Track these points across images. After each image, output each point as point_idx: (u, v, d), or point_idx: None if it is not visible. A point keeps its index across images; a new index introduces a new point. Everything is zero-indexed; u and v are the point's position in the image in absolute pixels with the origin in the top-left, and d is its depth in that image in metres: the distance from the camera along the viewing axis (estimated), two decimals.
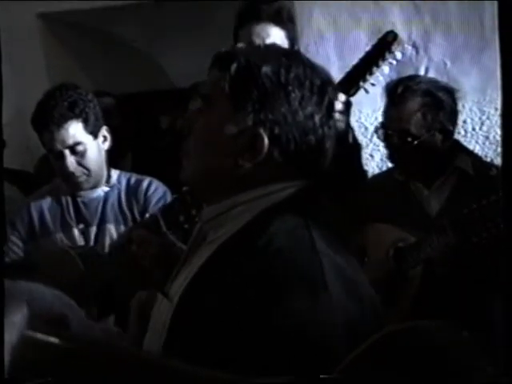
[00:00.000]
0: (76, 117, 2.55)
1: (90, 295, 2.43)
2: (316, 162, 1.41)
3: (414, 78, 2.74)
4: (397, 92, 2.54)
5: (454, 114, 2.60)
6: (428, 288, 2.42)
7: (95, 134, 2.61)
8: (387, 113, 2.60)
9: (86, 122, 2.57)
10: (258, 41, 2.69)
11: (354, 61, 2.37)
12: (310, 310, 1.22)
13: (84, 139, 2.57)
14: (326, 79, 1.42)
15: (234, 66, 1.38)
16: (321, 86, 1.39)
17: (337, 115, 1.53)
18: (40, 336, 0.76)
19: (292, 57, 1.42)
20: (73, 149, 2.56)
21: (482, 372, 0.89)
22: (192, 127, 1.44)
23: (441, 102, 2.55)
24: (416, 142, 2.50)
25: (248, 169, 1.37)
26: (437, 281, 2.40)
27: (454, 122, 2.61)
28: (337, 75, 2.10)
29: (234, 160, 1.37)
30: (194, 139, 1.43)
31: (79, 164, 2.58)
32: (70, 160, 2.56)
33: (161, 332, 1.36)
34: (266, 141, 1.35)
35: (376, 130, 2.67)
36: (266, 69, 1.36)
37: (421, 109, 2.52)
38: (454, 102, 2.59)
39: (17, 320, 0.71)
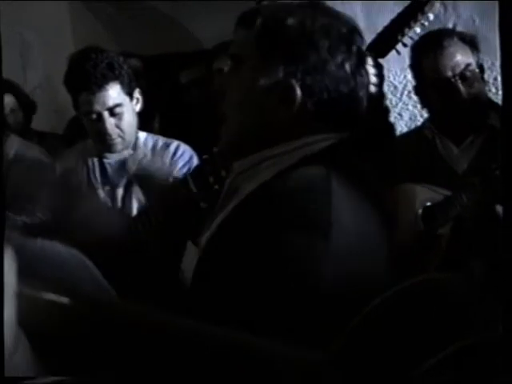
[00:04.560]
0: (116, 78, 2.54)
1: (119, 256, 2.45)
2: (350, 111, 1.41)
3: (451, 29, 2.72)
4: (442, 41, 2.52)
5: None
6: (457, 246, 2.41)
7: (131, 96, 2.61)
8: (428, 63, 2.56)
9: (123, 84, 2.56)
10: None
11: (382, 20, 2.33)
12: (307, 248, 1.23)
13: (122, 101, 2.57)
14: (352, 27, 1.42)
15: (259, 21, 1.39)
16: (348, 34, 1.39)
17: (371, 73, 1.52)
18: (42, 295, 0.76)
19: (316, 7, 1.42)
20: (112, 111, 2.55)
21: (494, 329, 0.89)
22: (226, 89, 1.45)
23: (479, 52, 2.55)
24: (458, 93, 2.48)
25: (282, 122, 1.37)
26: (466, 238, 2.38)
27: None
28: (364, 35, 2.07)
29: (269, 113, 1.38)
30: (228, 99, 1.45)
31: (117, 126, 2.57)
32: (109, 122, 2.55)
33: (187, 280, 1.39)
34: (299, 91, 1.35)
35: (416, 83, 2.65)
36: (290, 20, 1.37)
37: (468, 58, 2.51)
38: None
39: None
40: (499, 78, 3.30)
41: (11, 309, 0.72)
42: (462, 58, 2.51)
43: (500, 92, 3.29)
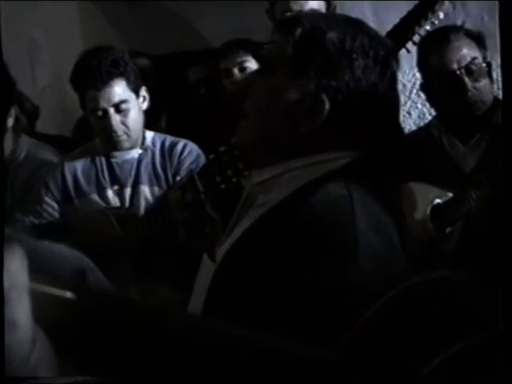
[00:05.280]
0: (121, 74, 2.55)
1: (125, 256, 2.46)
2: (375, 132, 1.40)
3: (458, 26, 2.73)
4: (449, 36, 2.52)
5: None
6: (467, 244, 2.40)
7: (137, 93, 2.61)
8: (434, 58, 2.56)
9: (128, 80, 2.57)
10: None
11: (390, 19, 2.33)
12: (335, 277, 1.21)
13: (128, 97, 2.57)
14: (389, 51, 1.42)
15: (298, 31, 1.38)
16: (385, 57, 1.39)
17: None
18: (47, 289, 0.76)
19: (357, 26, 1.41)
20: (118, 107, 2.56)
21: (498, 329, 0.89)
22: (250, 89, 1.44)
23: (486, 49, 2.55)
24: (463, 85, 2.48)
25: (306, 134, 1.36)
26: (476, 236, 2.37)
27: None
28: None
29: (294, 124, 1.36)
30: (253, 101, 1.44)
31: (122, 123, 2.58)
32: (115, 118, 2.56)
33: (202, 293, 1.37)
34: (328, 106, 1.34)
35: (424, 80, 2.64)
36: (331, 35, 1.36)
37: (474, 52, 2.52)
38: None
39: (12, 267, 0.72)
40: None
41: (25, 306, 0.72)
42: (467, 51, 2.51)
43: None
